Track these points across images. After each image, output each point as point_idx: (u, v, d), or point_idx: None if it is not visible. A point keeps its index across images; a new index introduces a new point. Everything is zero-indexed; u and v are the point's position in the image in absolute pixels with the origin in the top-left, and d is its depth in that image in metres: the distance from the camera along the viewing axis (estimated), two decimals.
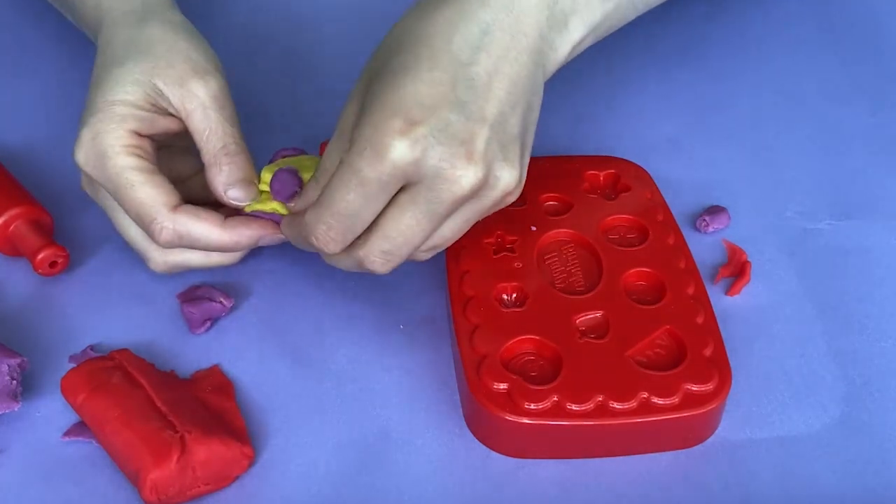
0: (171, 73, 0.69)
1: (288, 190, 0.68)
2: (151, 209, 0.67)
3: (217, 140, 0.69)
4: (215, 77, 0.70)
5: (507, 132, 0.63)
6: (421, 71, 0.62)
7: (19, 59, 0.86)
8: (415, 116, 0.61)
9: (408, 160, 0.61)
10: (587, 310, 0.67)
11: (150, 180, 0.67)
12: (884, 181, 0.79)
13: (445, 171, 0.61)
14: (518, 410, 0.63)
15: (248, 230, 0.69)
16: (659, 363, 0.65)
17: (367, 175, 0.61)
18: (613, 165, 0.75)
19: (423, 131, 0.61)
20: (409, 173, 0.61)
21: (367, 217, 0.63)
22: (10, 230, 0.73)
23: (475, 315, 0.67)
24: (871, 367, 0.69)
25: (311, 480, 0.64)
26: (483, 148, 0.62)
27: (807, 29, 0.90)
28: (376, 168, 0.61)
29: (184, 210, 0.68)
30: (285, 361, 0.69)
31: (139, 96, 0.68)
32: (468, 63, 0.63)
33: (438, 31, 0.63)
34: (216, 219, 0.68)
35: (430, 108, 0.61)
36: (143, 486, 0.61)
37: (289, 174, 0.68)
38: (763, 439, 0.66)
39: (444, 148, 0.61)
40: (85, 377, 0.65)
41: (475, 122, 0.62)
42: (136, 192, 0.67)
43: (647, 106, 0.84)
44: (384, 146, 0.61)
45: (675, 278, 0.69)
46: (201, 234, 0.68)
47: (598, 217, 0.72)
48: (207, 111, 0.69)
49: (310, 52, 0.88)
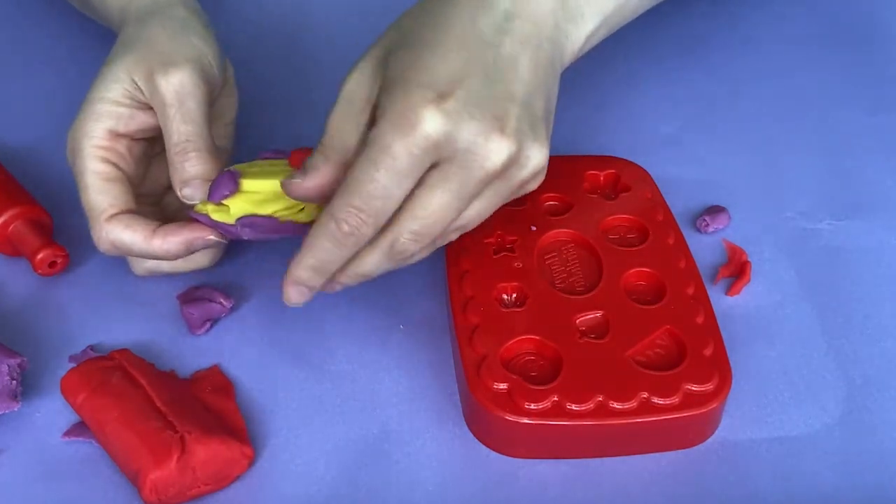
0: (142, 67, 0.69)
1: (219, 192, 0.67)
2: (92, 215, 0.68)
3: (172, 136, 0.68)
4: (182, 70, 0.68)
5: (534, 113, 0.63)
6: (449, 49, 0.61)
7: (19, 59, 0.86)
8: (447, 89, 0.60)
9: (440, 132, 0.59)
10: (587, 310, 0.67)
11: (101, 186, 0.68)
12: (884, 181, 0.79)
13: (478, 145, 0.60)
14: (518, 410, 0.63)
15: (175, 237, 0.68)
16: (659, 363, 0.65)
17: (398, 150, 0.59)
18: (614, 165, 0.75)
19: (456, 105, 0.60)
20: (441, 147, 0.60)
21: (398, 196, 0.61)
22: (9, 230, 0.73)
23: (475, 315, 0.67)
24: (871, 366, 0.69)
25: (311, 480, 0.64)
26: (515, 124, 0.61)
27: (807, 29, 0.90)
28: (408, 141, 0.59)
29: (116, 220, 0.68)
30: (285, 361, 0.69)
31: (119, 93, 0.69)
32: (493, 44, 0.62)
33: (461, 13, 0.63)
34: (146, 228, 0.68)
35: (461, 81, 0.60)
36: (143, 486, 0.61)
37: (227, 176, 0.67)
38: (763, 439, 0.66)
39: (476, 122, 0.60)
40: (85, 377, 0.65)
41: (506, 100, 0.61)
42: (86, 196, 0.68)
43: (647, 106, 0.84)
44: (417, 117, 0.59)
45: (676, 278, 0.69)
46: (131, 244, 0.68)
47: (599, 217, 0.72)
48: (165, 107, 0.68)
49: (311, 52, 0.88)
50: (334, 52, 0.88)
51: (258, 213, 0.67)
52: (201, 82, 0.69)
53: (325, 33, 0.90)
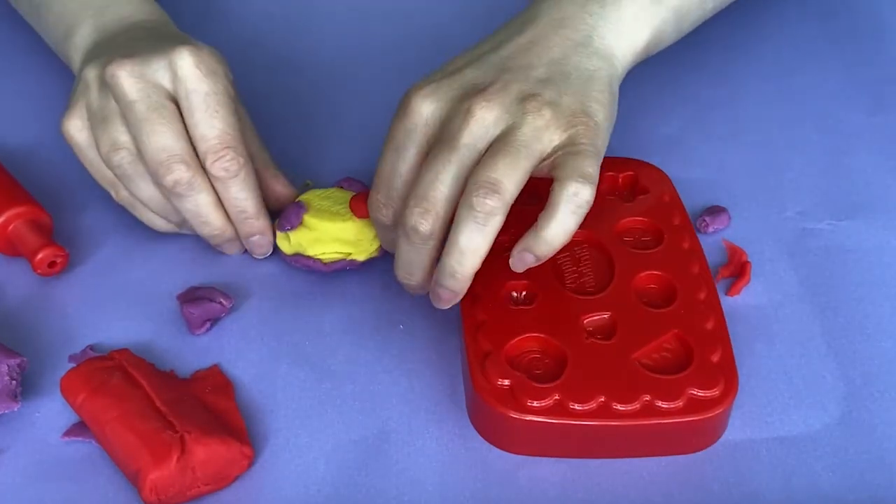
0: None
1: (283, 225, 0.72)
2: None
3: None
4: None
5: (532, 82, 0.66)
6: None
7: (19, 59, 0.86)
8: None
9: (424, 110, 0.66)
10: (595, 310, 0.67)
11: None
12: (884, 181, 0.79)
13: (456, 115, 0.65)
14: (520, 407, 0.63)
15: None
16: (665, 367, 0.65)
17: (395, 131, 0.68)
18: (632, 167, 0.75)
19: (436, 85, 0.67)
20: (429, 125, 0.66)
21: (403, 171, 0.67)
22: (9, 230, 0.72)
23: (483, 311, 0.67)
24: (871, 367, 0.69)
25: (311, 480, 0.64)
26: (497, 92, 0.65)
27: (807, 28, 0.90)
28: (401, 122, 0.67)
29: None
30: (285, 361, 0.69)
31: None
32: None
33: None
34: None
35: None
36: (143, 486, 0.61)
37: (294, 211, 0.72)
38: (763, 439, 0.66)
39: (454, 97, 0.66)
40: (85, 377, 0.65)
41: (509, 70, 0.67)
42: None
43: (647, 106, 0.84)
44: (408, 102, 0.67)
45: (688, 283, 0.69)
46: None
47: (614, 218, 0.72)
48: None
49: (306, 59, 0.88)
50: (331, 60, 0.88)
51: (309, 255, 0.72)
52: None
53: (321, 40, 0.90)
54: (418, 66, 0.72)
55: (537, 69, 0.66)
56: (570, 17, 0.69)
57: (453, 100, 0.65)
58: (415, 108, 0.66)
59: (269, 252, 0.73)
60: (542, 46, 0.68)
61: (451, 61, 0.69)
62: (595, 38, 0.69)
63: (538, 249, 0.64)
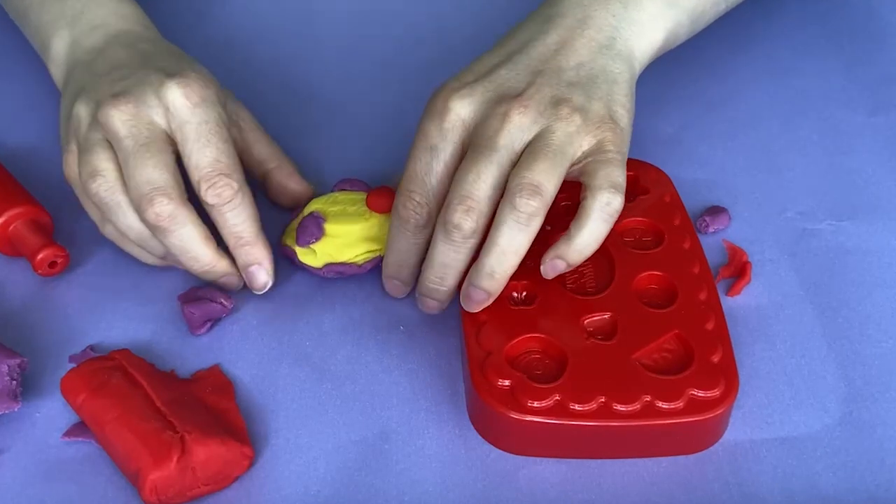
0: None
1: (306, 239, 0.71)
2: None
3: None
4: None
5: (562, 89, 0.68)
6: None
7: (19, 60, 0.86)
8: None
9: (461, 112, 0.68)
10: (596, 311, 0.67)
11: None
12: (884, 181, 0.79)
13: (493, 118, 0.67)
14: (520, 407, 0.63)
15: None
16: (665, 367, 0.65)
17: (429, 130, 0.69)
18: (633, 168, 0.75)
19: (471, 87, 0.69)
20: (467, 126, 0.67)
21: (439, 171, 0.68)
22: (9, 230, 0.72)
23: (483, 311, 0.67)
24: (871, 367, 0.69)
25: (311, 480, 0.64)
26: (536, 99, 0.66)
27: (807, 28, 0.90)
28: (436, 122, 0.68)
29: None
30: (285, 362, 0.69)
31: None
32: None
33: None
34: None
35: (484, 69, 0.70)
36: (143, 486, 0.61)
37: (313, 222, 0.71)
38: (763, 440, 0.66)
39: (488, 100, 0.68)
40: (85, 377, 0.65)
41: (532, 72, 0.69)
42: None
43: (647, 105, 0.84)
44: (444, 103, 0.68)
45: (688, 283, 0.69)
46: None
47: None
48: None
49: (304, 59, 0.88)
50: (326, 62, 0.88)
51: (342, 261, 0.72)
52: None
53: (315, 43, 0.90)
54: (419, 68, 0.72)
55: (567, 72, 0.68)
56: (593, 16, 0.70)
57: (490, 101, 0.67)
58: (452, 108, 0.67)
59: (269, 285, 0.71)
60: (569, 48, 0.69)
61: (480, 60, 0.70)
62: (618, 40, 0.70)
63: (570, 257, 0.66)
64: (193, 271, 0.70)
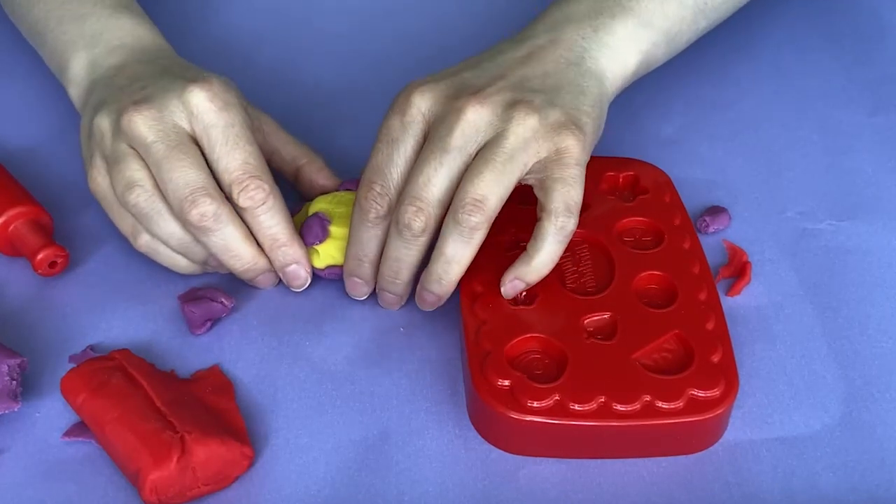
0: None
1: (310, 239, 0.71)
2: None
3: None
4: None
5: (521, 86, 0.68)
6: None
7: (19, 60, 0.86)
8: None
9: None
10: (596, 311, 0.67)
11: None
12: (884, 181, 0.79)
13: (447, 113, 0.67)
14: (519, 407, 0.63)
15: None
16: (665, 367, 0.65)
17: (391, 123, 0.70)
18: (632, 167, 0.75)
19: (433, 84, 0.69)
20: (425, 119, 0.68)
21: (398, 162, 0.68)
22: (9, 230, 0.72)
23: (483, 311, 0.67)
24: (871, 367, 0.69)
25: (311, 480, 0.64)
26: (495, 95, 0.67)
27: (807, 29, 0.90)
28: (398, 116, 0.69)
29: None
30: (285, 362, 0.69)
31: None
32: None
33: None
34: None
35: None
36: (143, 486, 0.61)
37: (318, 223, 0.71)
38: (764, 440, 0.66)
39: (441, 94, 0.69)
40: (85, 377, 0.65)
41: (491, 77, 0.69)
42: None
43: (647, 106, 0.84)
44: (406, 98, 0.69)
45: (688, 283, 0.69)
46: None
47: (614, 219, 0.72)
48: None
49: (305, 61, 0.88)
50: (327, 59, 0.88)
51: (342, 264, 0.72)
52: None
53: (317, 40, 0.90)
54: (417, 69, 0.72)
55: (532, 80, 0.68)
56: (564, 38, 0.71)
57: (449, 97, 0.67)
58: (413, 102, 0.68)
59: (307, 283, 0.72)
60: (537, 60, 0.70)
61: (451, 67, 0.71)
62: (587, 59, 0.70)
63: (528, 276, 0.67)
64: (235, 270, 0.70)
